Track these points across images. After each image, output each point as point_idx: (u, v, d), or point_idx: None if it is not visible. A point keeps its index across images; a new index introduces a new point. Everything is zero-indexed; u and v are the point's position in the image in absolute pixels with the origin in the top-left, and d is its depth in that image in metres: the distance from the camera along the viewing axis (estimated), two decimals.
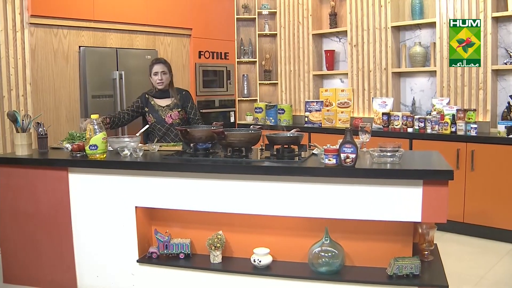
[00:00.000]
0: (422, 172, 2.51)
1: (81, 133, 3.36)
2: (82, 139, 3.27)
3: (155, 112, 3.90)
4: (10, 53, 4.32)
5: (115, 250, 3.13)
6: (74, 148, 3.14)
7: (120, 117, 3.88)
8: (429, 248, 2.90)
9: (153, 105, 3.92)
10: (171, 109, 3.90)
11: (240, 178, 2.80)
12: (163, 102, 3.94)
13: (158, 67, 3.89)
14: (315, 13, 6.06)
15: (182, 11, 5.71)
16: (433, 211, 2.50)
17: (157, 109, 3.90)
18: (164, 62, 3.94)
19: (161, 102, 3.93)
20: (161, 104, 3.92)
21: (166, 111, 3.89)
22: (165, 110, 3.90)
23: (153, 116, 3.89)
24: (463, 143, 4.43)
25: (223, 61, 6.28)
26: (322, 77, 6.22)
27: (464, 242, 4.34)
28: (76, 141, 3.25)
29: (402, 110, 5.45)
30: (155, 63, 3.91)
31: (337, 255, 2.72)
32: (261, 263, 2.83)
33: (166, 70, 3.91)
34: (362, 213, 2.62)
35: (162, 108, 3.90)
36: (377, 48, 5.41)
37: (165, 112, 3.89)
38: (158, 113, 3.89)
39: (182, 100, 3.98)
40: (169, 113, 3.89)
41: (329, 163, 2.61)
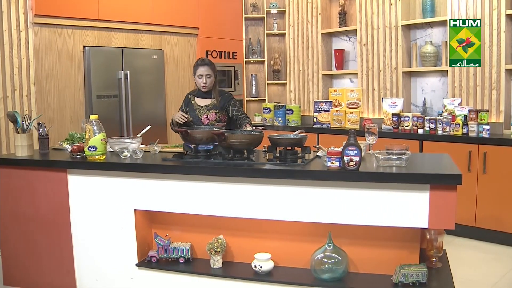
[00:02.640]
0: (429, 176, 2.40)
1: (81, 134, 3.30)
2: (82, 140, 3.21)
3: (193, 111, 3.76)
4: (14, 53, 4.30)
5: (114, 254, 3.08)
6: (74, 149, 3.09)
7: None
8: (437, 255, 2.80)
9: (193, 104, 3.78)
10: (209, 110, 3.75)
11: (240, 181, 2.72)
12: (203, 101, 3.79)
13: (204, 69, 3.71)
14: (324, 11, 5.95)
15: (189, 10, 5.65)
16: (440, 217, 2.39)
17: (196, 108, 3.77)
18: (209, 64, 3.75)
19: (200, 102, 3.79)
20: (200, 103, 3.78)
21: (204, 111, 3.75)
22: (203, 110, 3.75)
23: (191, 115, 3.75)
24: (475, 145, 4.30)
25: (231, 61, 6.21)
26: (332, 77, 6.12)
27: (476, 247, 4.21)
28: (76, 142, 3.19)
29: (413, 110, 5.33)
30: (200, 65, 3.73)
31: (340, 261, 2.63)
32: (262, 269, 2.75)
33: (211, 73, 3.74)
34: (366, 218, 2.52)
35: (201, 107, 3.76)
36: (387, 47, 5.29)
37: (203, 112, 3.74)
38: (196, 112, 3.75)
39: (222, 101, 3.80)
40: (206, 113, 3.73)
41: (332, 166, 2.51)
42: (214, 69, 3.78)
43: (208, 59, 3.81)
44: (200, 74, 3.71)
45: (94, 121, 2.97)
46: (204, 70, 3.71)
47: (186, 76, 5.68)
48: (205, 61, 3.76)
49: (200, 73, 3.71)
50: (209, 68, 3.72)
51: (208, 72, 3.71)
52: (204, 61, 3.75)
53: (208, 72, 3.71)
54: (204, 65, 3.71)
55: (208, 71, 3.71)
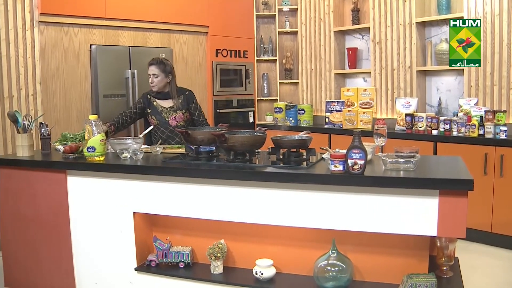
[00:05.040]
0: (438, 181, 2.26)
1: (74, 134, 3.21)
2: (75, 140, 3.12)
3: (158, 113, 3.72)
4: (19, 52, 4.26)
5: (113, 257, 3.00)
6: (66, 149, 3.02)
7: (122, 121, 3.73)
8: (449, 263, 2.65)
9: (156, 106, 3.74)
10: (175, 111, 3.72)
11: (240, 184, 2.61)
12: (166, 103, 3.75)
13: (151, 69, 3.69)
14: (337, 9, 5.82)
15: (199, 7, 5.56)
16: (450, 225, 2.25)
17: (160, 110, 3.73)
18: (158, 63, 3.68)
19: (164, 103, 3.75)
20: (164, 105, 3.74)
21: (170, 113, 3.72)
22: (169, 112, 3.72)
23: (156, 118, 3.72)
24: (492, 147, 4.12)
25: (241, 60, 6.11)
26: (344, 76, 5.98)
27: (492, 254, 4.03)
28: (68, 143, 3.10)
29: (427, 111, 5.16)
30: (149, 65, 3.71)
31: (345, 269, 2.50)
32: (263, 275, 2.64)
33: (158, 72, 3.67)
34: (371, 225, 2.39)
35: (166, 109, 3.73)
36: (401, 45, 5.14)
37: (169, 114, 3.71)
38: (162, 115, 3.72)
39: (185, 101, 3.79)
40: (173, 115, 3.71)
41: (336, 170, 2.39)
42: (164, 68, 3.71)
43: (159, 58, 3.77)
44: (149, 73, 3.71)
45: (93, 121, 2.90)
46: (151, 70, 3.69)
47: (195, 75, 5.60)
48: (154, 60, 3.73)
49: (149, 72, 3.71)
50: (156, 68, 3.69)
51: (155, 71, 3.69)
52: (153, 60, 3.73)
53: (155, 71, 3.69)
54: (151, 65, 3.70)
55: (155, 71, 3.69)
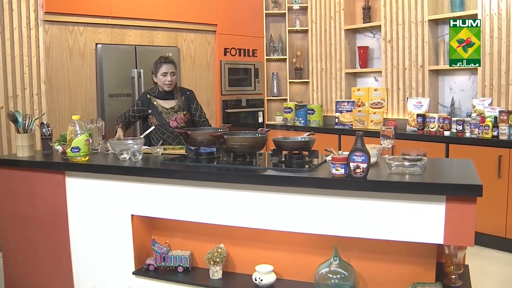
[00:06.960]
0: (445, 186, 2.14)
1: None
2: None
3: (159, 114, 3.66)
4: (24, 51, 4.24)
5: (112, 261, 2.93)
6: (64, 150, 2.96)
7: (128, 121, 3.74)
8: (457, 272, 2.52)
9: (156, 107, 3.68)
10: (176, 112, 3.66)
11: (239, 187, 2.52)
12: (167, 103, 3.68)
13: (168, 67, 3.62)
14: (347, 7, 5.69)
15: (207, 6, 5.49)
16: (457, 232, 2.13)
17: (161, 111, 3.66)
18: (173, 62, 3.67)
19: (165, 104, 3.68)
20: (165, 106, 3.67)
21: (171, 113, 3.65)
22: (170, 113, 3.65)
23: (156, 118, 3.65)
24: (506, 149, 3.97)
25: (250, 59, 6.02)
26: (355, 75, 5.85)
27: (506, 260, 3.88)
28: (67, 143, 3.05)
29: (440, 111, 5.02)
30: (164, 63, 3.62)
31: (347, 277, 2.40)
32: (262, 282, 2.55)
33: (175, 71, 3.66)
34: (373, 231, 2.28)
35: (167, 110, 3.66)
36: (413, 43, 5.00)
37: (170, 115, 3.65)
38: (162, 115, 3.65)
39: (186, 101, 3.73)
40: (174, 116, 3.64)
41: (337, 174, 2.28)
42: (176, 67, 3.70)
43: (171, 57, 3.72)
44: (165, 72, 3.61)
45: (76, 122, 2.84)
46: (169, 68, 3.62)
47: (203, 74, 5.52)
48: (169, 58, 3.67)
49: (165, 70, 3.61)
50: (173, 66, 3.65)
51: (172, 69, 3.64)
52: (168, 59, 3.66)
53: (172, 69, 3.64)
54: (168, 63, 3.63)
55: (172, 69, 3.64)
